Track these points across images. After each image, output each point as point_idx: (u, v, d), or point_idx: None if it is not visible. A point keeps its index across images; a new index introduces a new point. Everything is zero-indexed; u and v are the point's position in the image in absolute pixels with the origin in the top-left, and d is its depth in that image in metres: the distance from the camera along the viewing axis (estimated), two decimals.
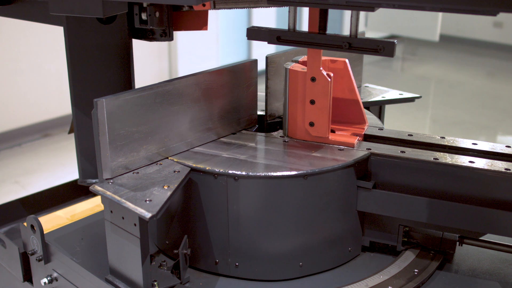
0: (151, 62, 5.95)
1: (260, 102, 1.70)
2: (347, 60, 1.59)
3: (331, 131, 1.57)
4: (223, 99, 1.57)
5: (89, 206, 1.96)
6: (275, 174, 1.36)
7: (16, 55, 4.79)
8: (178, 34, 5.68)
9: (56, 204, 2.07)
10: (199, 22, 1.71)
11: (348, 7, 1.22)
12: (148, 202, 1.24)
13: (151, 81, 1.97)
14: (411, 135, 1.58)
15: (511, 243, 1.50)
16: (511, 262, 1.53)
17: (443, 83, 7.03)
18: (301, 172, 1.37)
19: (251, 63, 1.62)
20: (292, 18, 1.43)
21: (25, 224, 1.56)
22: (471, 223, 1.40)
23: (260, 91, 1.69)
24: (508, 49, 8.31)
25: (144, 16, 1.58)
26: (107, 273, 1.42)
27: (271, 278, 1.45)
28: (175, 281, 1.39)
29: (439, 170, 1.42)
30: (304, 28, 1.51)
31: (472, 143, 1.52)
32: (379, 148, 1.50)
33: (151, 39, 1.73)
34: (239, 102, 1.62)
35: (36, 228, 1.52)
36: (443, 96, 6.48)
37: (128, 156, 1.37)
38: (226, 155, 1.46)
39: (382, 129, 1.62)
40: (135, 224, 1.27)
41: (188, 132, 1.50)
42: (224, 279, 1.45)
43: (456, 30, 8.81)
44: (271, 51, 1.87)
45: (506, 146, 1.50)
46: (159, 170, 1.40)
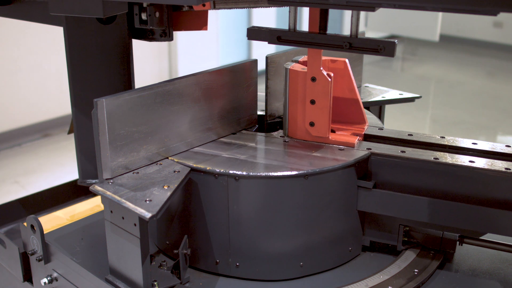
0: (151, 62, 5.95)
1: (260, 102, 1.70)
2: (347, 60, 1.59)
3: (331, 131, 1.57)
4: (223, 99, 1.56)
5: (89, 206, 1.96)
6: (275, 174, 1.36)
7: (16, 55, 4.79)
8: (178, 34, 5.69)
9: (56, 204, 2.07)
10: (199, 22, 1.71)
11: (348, 7, 1.22)
12: (148, 202, 1.24)
13: (151, 81, 1.97)
14: (411, 135, 1.58)
15: (511, 242, 1.49)
16: (511, 262, 1.53)
17: (443, 83, 7.03)
18: (301, 172, 1.37)
19: (251, 63, 1.62)
20: (293, 18, 1.43)
21: (25, 224, 1.56)
22: (471, 222, 1.40)
23: (260, 91, 1.69)
24: (508, 49, 8.31)
25: (144, 16, 1.58)
26: (107, 273, 1.42)
27: (272, 278, 1.45)
28: (175, 281, 1.39)
29: (439, 170, 1.42)
30: (305, 28, 1.51)
31: (472, 143, 1.52)
32: (379, 148, 1.50)
33: (151, 39, 1.73)
34: (239, 102, 1.61)
35: (36, 228, 1.51)
36: (443, 96, 6.48)
37: (128, 156, 1.37)
38: (226, 155, 1.46)
39: (382, 129, 1.62)
40: (135, 224, 1.27)
41: (188, 132, 1.50)
42: (224, 279, 1.45)
43: (456, 30, 8.82)
44: (271, 51, 1.86)
45: (506, 146, 1.51)
46: (159, 170, 1.40)
